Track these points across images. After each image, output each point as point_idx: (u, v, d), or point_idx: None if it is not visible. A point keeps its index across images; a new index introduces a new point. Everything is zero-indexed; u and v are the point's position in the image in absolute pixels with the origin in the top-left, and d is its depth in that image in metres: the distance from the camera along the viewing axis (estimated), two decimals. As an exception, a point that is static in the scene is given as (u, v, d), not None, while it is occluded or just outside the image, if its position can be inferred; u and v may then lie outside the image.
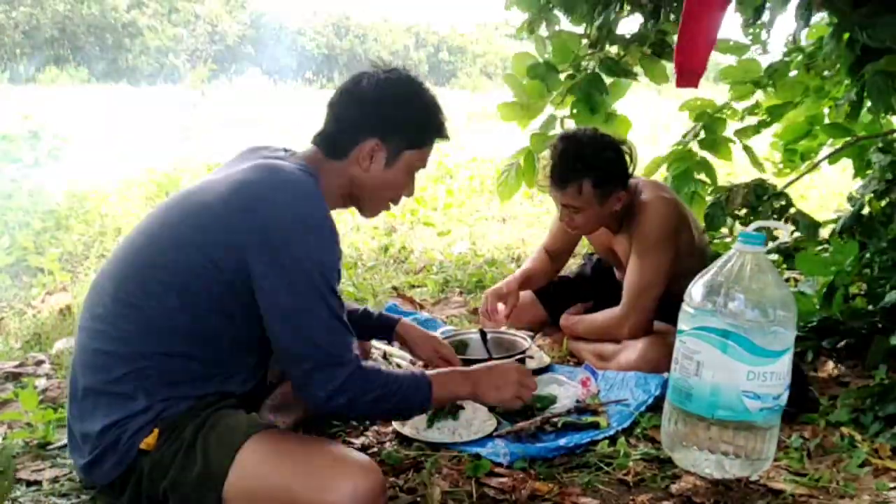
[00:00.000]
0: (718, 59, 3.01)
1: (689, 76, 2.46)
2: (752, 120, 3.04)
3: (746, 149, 2.98)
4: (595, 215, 2.13)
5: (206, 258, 1.27)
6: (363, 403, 1.32)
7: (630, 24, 2.97)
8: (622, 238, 2.24)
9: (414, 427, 1.76)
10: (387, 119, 1.42)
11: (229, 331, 1.33)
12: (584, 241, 2.68)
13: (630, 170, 2.15)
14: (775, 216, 2.13)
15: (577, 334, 2.35)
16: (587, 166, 2.05)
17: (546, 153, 2.18)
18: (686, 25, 2.32)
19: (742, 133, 2.99)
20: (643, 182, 2.24)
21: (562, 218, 2.21)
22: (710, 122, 3.00)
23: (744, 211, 2.26)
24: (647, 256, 2.12)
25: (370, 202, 1.52)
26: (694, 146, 3.05)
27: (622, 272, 2.36)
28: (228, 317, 1.31)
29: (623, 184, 2.12)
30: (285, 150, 1.49)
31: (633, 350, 2.13)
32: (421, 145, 1.48)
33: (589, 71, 2.94)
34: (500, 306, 2.34)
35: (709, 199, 2.67)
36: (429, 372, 1.48)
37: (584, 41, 2.99)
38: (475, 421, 1.78)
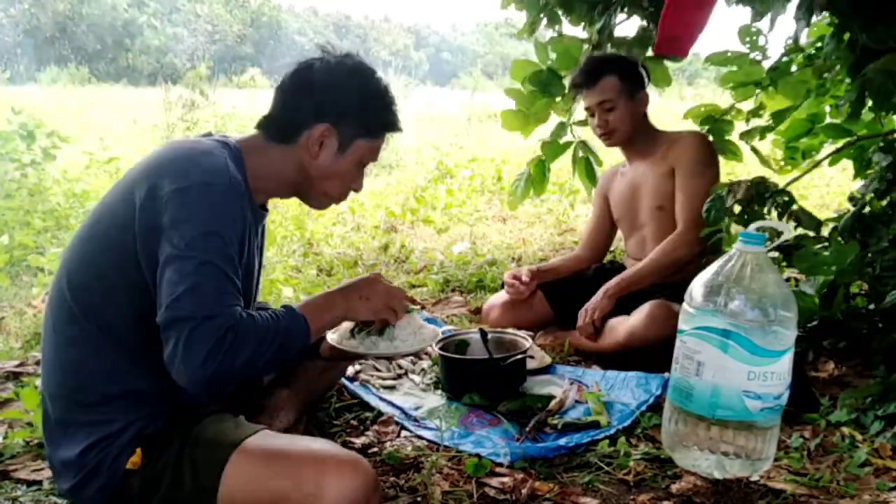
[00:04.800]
0: (720, 70, 3.00)
1: (672, 42, 2.50)
2: (756, 122, 3.03)
3: (754, 150, 2.98)
4: (628, 113, 2.33)
5: (121, 251, 1.22)
6: (240, 361, 1.17)
7: (628, 27, 2.96)
8: (643, 166, 2.40)
9: (338, 334, 1.63)
10: (341, 104, 1.37)
11: None
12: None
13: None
14: (778, 211, 2.13)
15: (630, 285, 2.31)
16: (612, 63, 2.34)
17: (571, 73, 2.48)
18: None
19: (747, 135, 2.99)
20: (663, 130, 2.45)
21: (599, 123, 2.37)
22: (716, 126, 2.99)
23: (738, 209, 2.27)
24: (696, 177, 2.27)
25: (316, 192, 1.45)
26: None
27: (633, 234, 2.45)
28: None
29: (644, 86, 2.38)
30: (219, 135, 1.40)
31: (637, 314, 2.16)
32: (373, 135, 1.42)
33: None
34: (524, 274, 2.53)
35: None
36: (296, 304, 1.35)
37: (586, 46, 2.98)
38: (398, 339, 1.63)
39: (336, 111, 1.37)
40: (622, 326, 2.21)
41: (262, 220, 1.48)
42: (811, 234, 2.24)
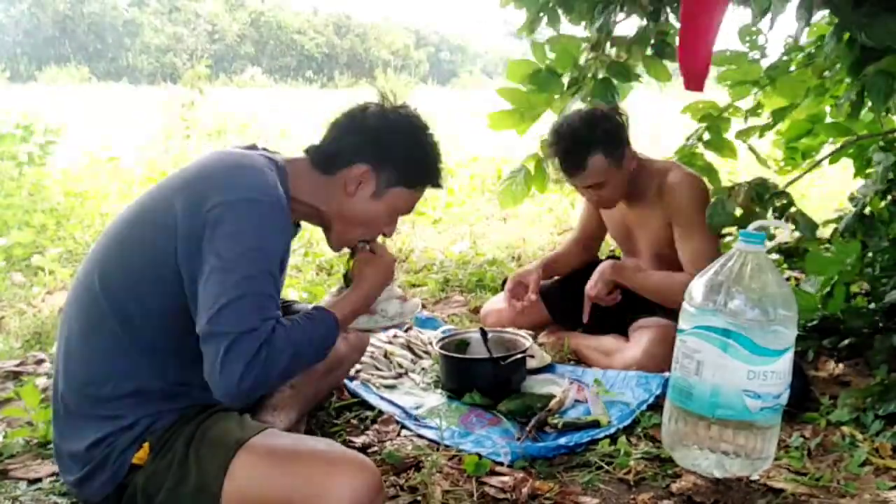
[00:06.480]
0: (720, 69, 2.99)
1: (694, 79, 2.44)
2: (754, 121, 3.03)
3: (751, 149, 2.98)
4: (618, 181, 2.17)
5: (158, 255, 1.23)
6: (276, 371, 1.19)
7: (628, 25, 2.95)
8: (637, 211, 2.28)
9: None
10: (385, 149, 1.39)
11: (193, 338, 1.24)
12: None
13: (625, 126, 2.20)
14: (776, 215, 2.13)
15: (631, 284, 2.25)
16: (590, 144, 2.09)
17: (547, 149, 2.21)
18: (686, 27, 2.31)
19: (744, 134, 2.99)
20: (648, 158, 2.29)
21: (590, 199, 2.25)
22: (713, 124, 2.99)
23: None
24: (697, 226, 2.13)
25: (341, 230, 1.46)
26: (699, 148, 3.04)
27: (631, 258, 2.39)
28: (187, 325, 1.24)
29: (628, 141, 2.17)
30: (264, 149, 1.43)
31: (637, 347, 2.14)
32: (412, 186, 1.44)
33: (591, 75, 2.92)
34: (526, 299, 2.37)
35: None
36: (324, 303, 1.40)
37: (584, 45, 2.97)
38: (390, 309, 1.65)
39: (379, 155, 1.39)
40: (619, 356, 2.18)
41: (294, 236, 1.49)
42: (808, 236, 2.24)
